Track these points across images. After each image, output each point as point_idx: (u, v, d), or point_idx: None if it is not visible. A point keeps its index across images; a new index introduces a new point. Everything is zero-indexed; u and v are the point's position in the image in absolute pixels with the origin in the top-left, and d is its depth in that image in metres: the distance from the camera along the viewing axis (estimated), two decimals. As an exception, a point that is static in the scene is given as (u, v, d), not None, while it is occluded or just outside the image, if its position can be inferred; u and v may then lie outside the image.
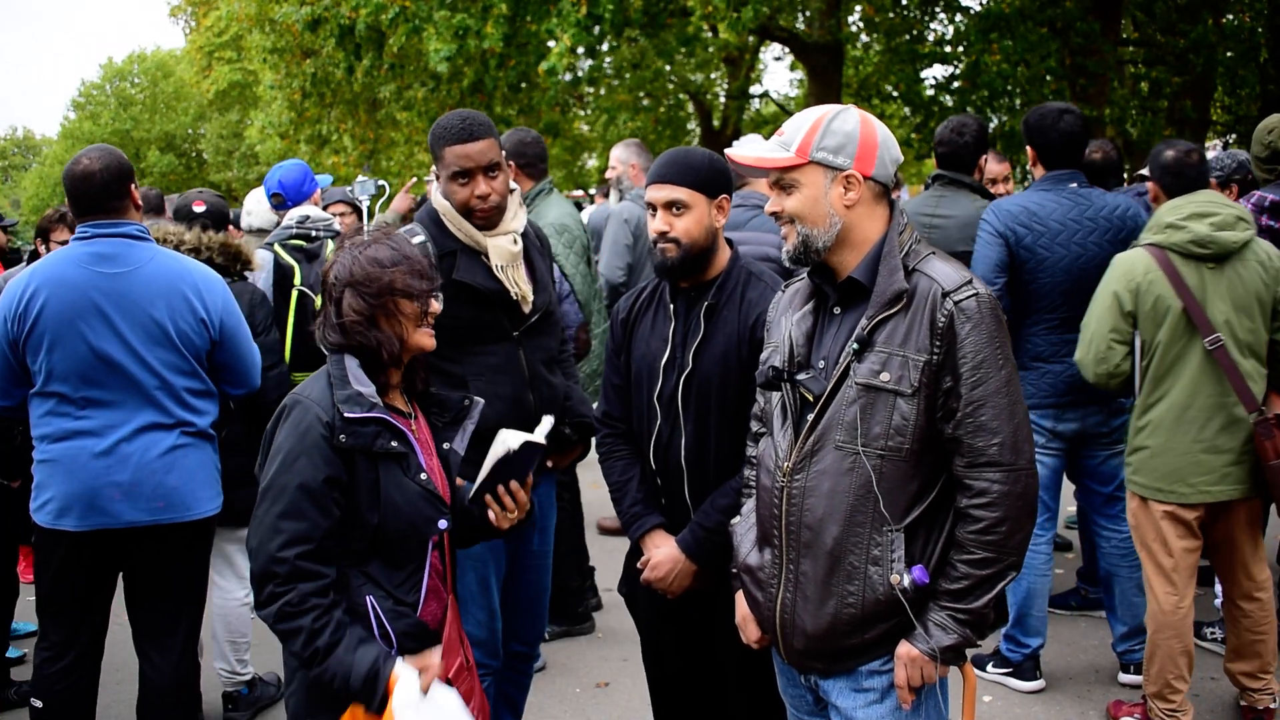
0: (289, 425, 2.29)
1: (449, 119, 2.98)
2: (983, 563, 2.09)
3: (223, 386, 3.42)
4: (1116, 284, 3.55)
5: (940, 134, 4.50)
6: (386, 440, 2.31)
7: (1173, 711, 3.64)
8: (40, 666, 3.33)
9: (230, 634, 4.07)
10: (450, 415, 2.58)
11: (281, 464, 2.25)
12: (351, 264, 2.33)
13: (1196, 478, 3.52)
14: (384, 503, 2.30)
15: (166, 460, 3.20)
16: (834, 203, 2.17)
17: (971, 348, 2.08)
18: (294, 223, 4.62)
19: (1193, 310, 3.45)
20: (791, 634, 2.24)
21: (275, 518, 2.21)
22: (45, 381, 3.17)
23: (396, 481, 2.32)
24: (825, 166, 2.16)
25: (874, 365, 2.11)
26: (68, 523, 3.17)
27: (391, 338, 2.34)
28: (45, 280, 3.15)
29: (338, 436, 2.26)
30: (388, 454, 2.31)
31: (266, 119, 18.09)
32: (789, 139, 2.21)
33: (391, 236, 2.40)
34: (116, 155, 3.28)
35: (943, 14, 14.62)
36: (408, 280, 2.33)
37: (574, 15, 10.55)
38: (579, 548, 4.98)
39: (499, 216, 3.02)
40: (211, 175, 35.06)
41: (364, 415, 2.28)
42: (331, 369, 2.34)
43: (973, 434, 2.08)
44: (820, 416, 2.15)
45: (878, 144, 2.19)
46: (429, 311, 2.39)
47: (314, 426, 2.26)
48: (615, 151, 6.10)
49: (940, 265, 2.16)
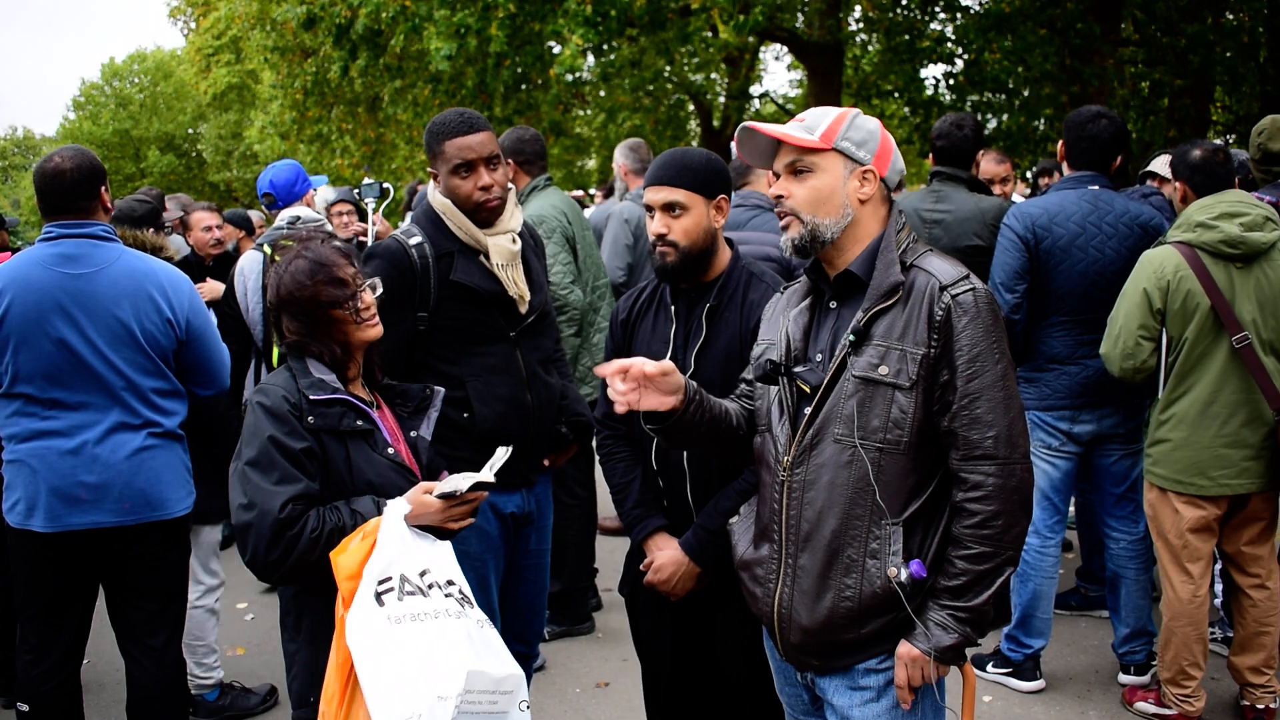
0: (257, 409, 2.39)
1: (445, 115, 3.01)
2: (980, 558, 2.10)
3: (191, 387, 3.42)
4: (1146, 281, 3.58)
5: (939, 128, 4.48)
6: (352, 419, 2.45)
7: (1186, 697, 3.75)
8: (24, 669, 3.33)
9: (188, 636, 3.98)
10: (414, 404, 2.70)
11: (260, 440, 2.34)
12: (278, 285, 2.48)
13: (1216, 471, 3.59)
14: (356, 477, 2.43)
15: (134, 461, 3.20)
16: (850, 194, 2.20)
17: (968, 341, 2.09)
18: (285, 223, 4.62)
19: (1221, 309, 3.50)
20: (789, 628, 2.24)
21: (272, 483, 2.31)
22: (11, 383, 3.17)
23: (366, 457, 2.46)
24: (847, 157, 2.20)
25: (872, 359, 2.12)
26: (36, 523, 3.17)
27: (333, 344, 2.49)
28: (10, 281, 3.15)
29: (306, 418, 2.39)
30: (355, 431, 2.45)
31: (267, 119, 18.08)
32: (812, 125, 2.23)
33: (309, 247, 2.51)
34: (89, 156, 3.28)
35: (943, 14, 14.61)
36: (329, 291, 2.46)
37: (581, 14, 10.54)
38: (589, 549, 4.98)
39: (501, 210, 3.03)
40: (211, 175, 35.04)
41: (329, 397, 2.43)
42: (293, 364, 2.50)
43: (968, 427, 2.09)
44: (819, 409, 2.16)
45: (891, 149, 2.26)
46: (363, 307, 2.50)
47: (281, 404, 2.38)
48: (615, 152, 6.12)
49: (937, 261, 2.18)
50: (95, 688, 4.31)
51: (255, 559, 2.30)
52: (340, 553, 2.27)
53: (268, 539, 2.28)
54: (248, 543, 2.30)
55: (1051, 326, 4.01)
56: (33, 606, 3.31)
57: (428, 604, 2.22)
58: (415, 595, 2.23)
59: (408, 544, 2.30)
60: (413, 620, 2.18)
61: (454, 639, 2.18)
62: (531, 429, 3.10)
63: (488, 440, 3.02)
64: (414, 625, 2.18)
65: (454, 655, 2.15)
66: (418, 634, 2.17)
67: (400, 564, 2.25)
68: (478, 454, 3.03)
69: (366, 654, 2.15)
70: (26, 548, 3.23)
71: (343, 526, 2.32)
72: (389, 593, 2.21)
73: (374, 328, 2.53)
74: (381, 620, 2.17)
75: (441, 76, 12.36)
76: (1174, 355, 3.61)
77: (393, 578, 2.23)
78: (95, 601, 3.42)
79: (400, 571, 2.24)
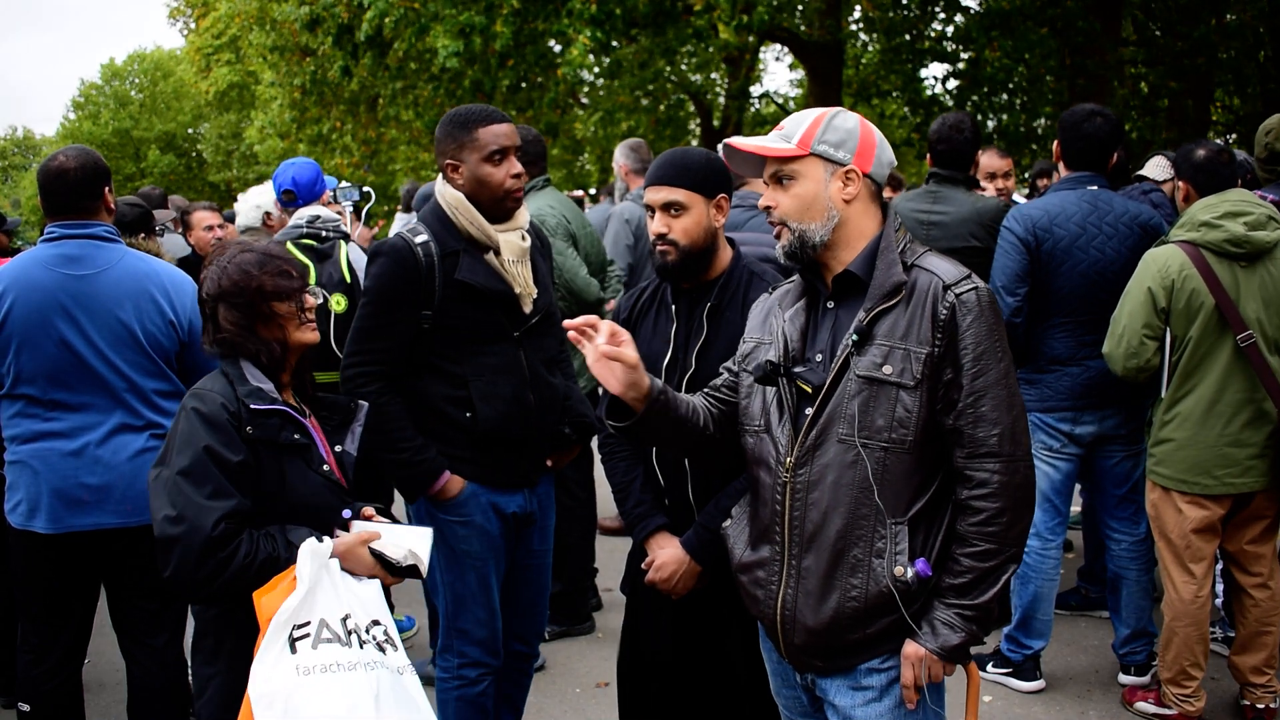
0: (193, 416, 2.29)
1: (469, 107, 3.03)
2: (985, 555, 2.10)
3: None
4: (1150, 280, 3.58)
5: (938, 131, 4.45)
6: (290, 433, 2.37)
7: (1187, 697, 3.74)
8: (25, 669, 3.32)
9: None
10: (339, 418, 2.61)
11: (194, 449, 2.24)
12: (220, 276, 2.39)
13: (1220, 470, 3.59)
14: (289, 494, 2.34)
15: (136, 463, 3.18)
16: (833, 196, 2.20)
17: (972, 339, 2.10)
18: (304, 222, 4.61)
19: (1226, 308, 3.50)
20: (792, 630, 2.23)
21: (204, 497, 2.20)
22: (14, 384, 3.17)
23: (300, 473, 2.38)
24: (826, 160, 2.20)
25: (875, 358, 2.13)
26: (38, 524, 3.17)
27: (272, 342, 2.41)
28: (12, 282, 3.15)
29: (245, 428, 2.29)
30: (291, 446, 2.37)
31: (267, 119, 18.08)
32: (790, 132, 2.23)
33: (253, 245, 2.45)
34: (94, 156, 3.27)
35: (943, 13, 14.61)
36: (277, 281, 2.39)
37: (586, 13, 10.53)
38: (589, 549, 4.98)
39: (522, 202, 3.06)
40: (211, 175, 35.04)
41: (268, 408, 2.34)
42: (228, 369, 2.39)
43: (973, 424, 2.10)
44: (821, 410, 2.16)
45: (875, 144, 2.23)
46: (305, 308, 2.44)
47: (220, 413, 2.28)
48: (615, 152, 6.13)
49: (938, 261, 2.19)
50: (96, 688, 4.31)
51: (179, 576, 2.19)
52: (266, 592, 2.17)
53: (196, 556, 2.16)
54: (172, 558, 2.18)
55: (1053, 328, 4.01)
56: (34, 606, 3.30)
57: (344, 653, 2.15)
58: (333, 643, 2.15)
59: (335, 586, 2.22)
60: (322, 672, 2.11)
61: (360, 697, 2.11)
62: (534, 429, 3.11)
63: (489, 440, 3.04)
64: (322, 678, 2.10)
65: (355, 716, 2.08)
66: (323, 688, 2.09)
67: (321, 608, 2.17)
68: (479, 453, 3.05)
69: (265, 705, 2.06)
70: (28, 548, 3.23)
71: (276, 558, 2.22)
72: (304, 639, 2.13)
73: (313, 331, 2.47)
74: (289, 669, 2.09)
75: (442, 77, 12.36)
76: (1178, 354, 3.60)
77: (311, 622, 2.15)
78: (96, 601, 3.42)
79: (321, 616, 2.16)
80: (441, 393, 3.02)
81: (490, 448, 3.04)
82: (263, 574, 2.20)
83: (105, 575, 3.35)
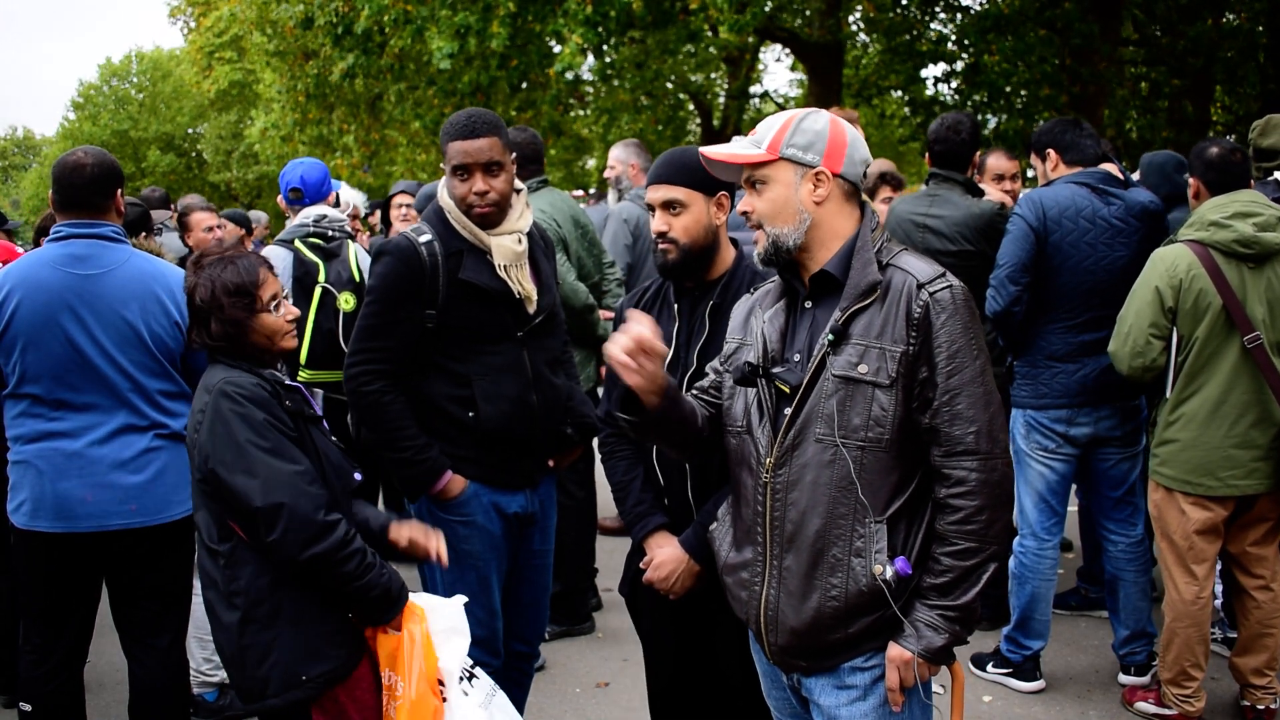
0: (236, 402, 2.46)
1: (458, 115, 3.01)
2: (965, 553, 2.10)
3: None
4: (1158, 279, 3.57)
5: (937, 132, 4.46)
6: (309, 407, 2.62)
7: (1187, 698, 3.74)
8: (26, 669, 3.32)
9: (198, 630, 3.96)
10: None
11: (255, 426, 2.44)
12: (211, 288, 2.55)
13: (1225, 471, 3.58)
14: (322, 457, 2.57)
15: (140, 463, 3.19)
16: (804, 199, 2.20)
17: (947, 338, 2.10)
18: (311, 221, 4.64)
19: (1233, 308, 3.50)
20: (775, 631, 2.24)
21: (307, 483, 2.43)
22: (19, 383, 3.17)
23: (324, 440, 2.63)
24: (795, 163, 2.20)
25: (851, 358, 2.13)
26: (41, 524, 3.17)
27: (261, 348, 2.60)
28: (19, 281, 3.16)
29: (284, 401, 2.53)
30: (313, 417, 2.62)
31: (269, 121, 18.07)
32: (760, 138, 2.24)
33: (236, 257, 2.61)
34: (110, 158, 3.30)
35: (943, 14, 14.62)
36: (275, 287, 2.61)
37: (581, 14, 10.54)
38: (589, 549, 4.98)
39: (499, 216, 3.03)
40: (211, 175, 35.02)
41: (292, 384, 2.60)
42: (231, 363, 2.58)
43: (949, 423, 2.10)
44: (799, 410, 2.17)
45: (846, 143, 2.22)
46: (287, 317, 2.63)
47: (259, 392, 2.49)
48: (614, 151, 6.09)
49: (913, 260, 2.19)
50: (97, 688, 4.31)
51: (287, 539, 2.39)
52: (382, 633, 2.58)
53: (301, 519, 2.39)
54: (278, 523, 2.38)
55: (1052, 324, 4.01)
56: (36, 606, 3.30)
57: (485, 684, 2.63)
58: (475, 679, 2.60)
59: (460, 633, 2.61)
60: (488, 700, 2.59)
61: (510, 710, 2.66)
62: (537, 429, 3.11)
63: (492, 439, 3.04)
64: (494, 704, 2.60)
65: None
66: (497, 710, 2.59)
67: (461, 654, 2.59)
68: (481, 453, 3.05)
69: None
70: (31, 548, 3.23)
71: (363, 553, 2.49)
72: (465, 680, 2.56)
73: (293, 339, 2.67)
74: (473, 707, 2.53)
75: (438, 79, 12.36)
76: (1184, 355, 3.59)
77: (462, 666, 2.58)
78: (99, 602, 3.42)
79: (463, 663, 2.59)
80: (445, 392, 3.02)
81: (493, 447, 3.05)
82: (351, 562, 2.45)
83: (108, 576, 3.35)
